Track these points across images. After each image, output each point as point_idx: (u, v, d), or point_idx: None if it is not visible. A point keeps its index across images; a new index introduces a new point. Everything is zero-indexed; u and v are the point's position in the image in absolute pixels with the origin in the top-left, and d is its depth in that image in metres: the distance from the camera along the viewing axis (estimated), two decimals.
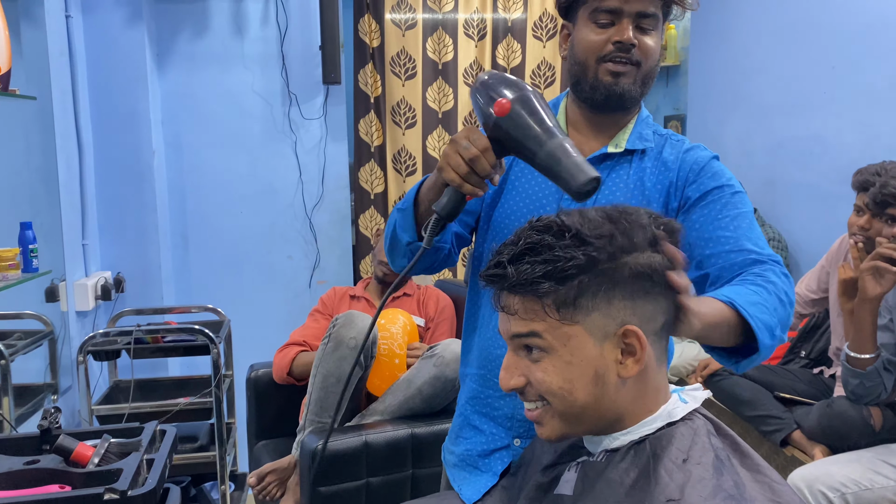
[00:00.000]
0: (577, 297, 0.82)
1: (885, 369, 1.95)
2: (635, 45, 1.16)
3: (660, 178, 1.21)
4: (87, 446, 1.27)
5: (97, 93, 2.87)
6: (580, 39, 1.20)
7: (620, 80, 1.17)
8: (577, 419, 0.86)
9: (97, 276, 2.78)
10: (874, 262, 1.86)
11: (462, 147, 1.00)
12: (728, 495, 0.76)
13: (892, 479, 1.92)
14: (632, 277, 0.82)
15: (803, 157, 3.00)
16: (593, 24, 1.18)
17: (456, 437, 1.33)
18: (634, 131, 1.24)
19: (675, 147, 1.24)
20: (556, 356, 0.84)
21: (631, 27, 1.16)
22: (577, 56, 1.21)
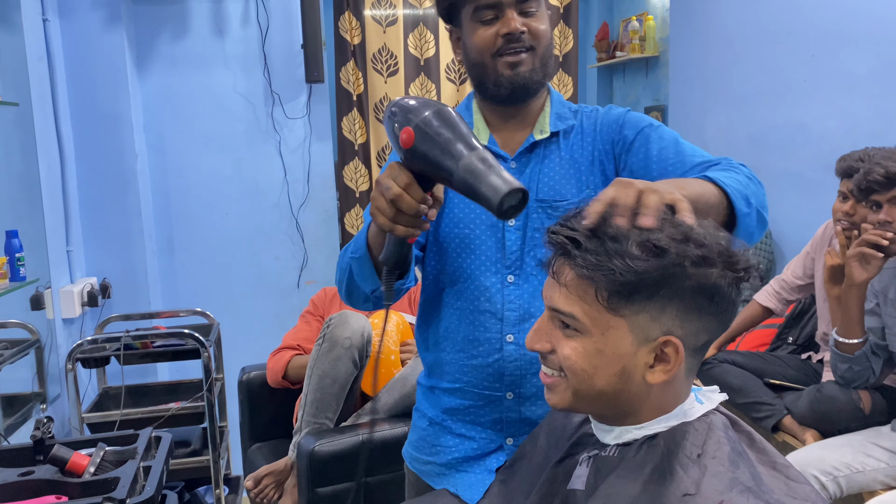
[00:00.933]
0: (633, 293, 0.80)
1: (872, 353, 1.98)
2: (525, 32, 1.17)
3: (587, 150, 1.24)
4: (83, 456, 1.26)
5: (77, 97, 2.84)
6: (470, 41, 1.20)
7: (520, 69, 1.18)
8: (589, 401, 0.86)
9: (83, 283, 2.75)
10: (860, 249, 1.88)
11: (384, 188, 0.91)
12: (745, 488, 0.76)
13: (882, 462, 1.95)
14: (692, 292, 0.80)
15: (786, 145, 3.03)
16: (478, 22, 1.18)
17: (432, 447, 1.30)
18: (552, 114, 1.26)
19: (591, 117, 1.26)
20: (590, 340, 0.83)
21: (515, 15, 1.16)
22: (471, 58, 1.21)
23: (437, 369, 1.30)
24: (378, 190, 0.93)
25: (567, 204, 1.20)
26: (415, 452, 1.35)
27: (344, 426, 2.03)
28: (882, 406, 2.10)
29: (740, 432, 0.87)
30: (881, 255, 1.86)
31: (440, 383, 1.29)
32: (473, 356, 1.23)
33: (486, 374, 1.22)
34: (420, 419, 1.34)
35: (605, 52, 4.12)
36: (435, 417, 1.30)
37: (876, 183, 1.86)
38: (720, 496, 0.74)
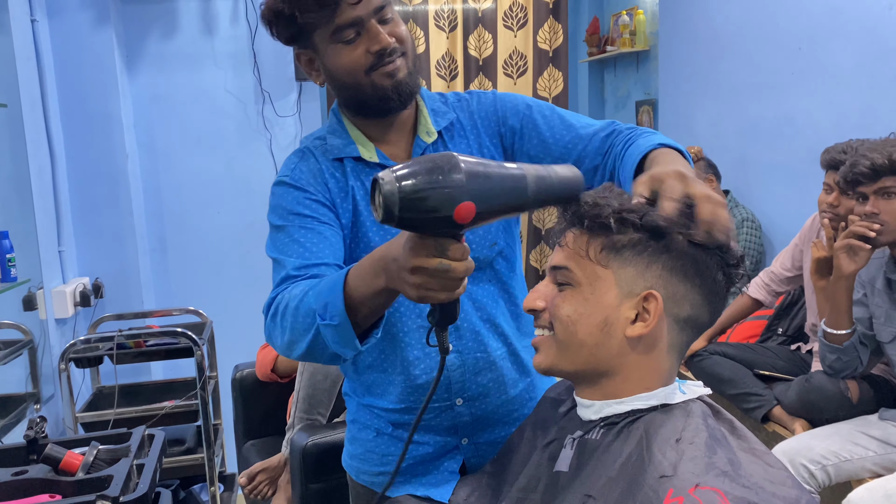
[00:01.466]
0: (623, 247, 0.86)
1: (860, 343, 2.00)
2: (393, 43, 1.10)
3: (474, 147, 1.22)
4: (76, 454, 1.27)
5: (67, 97, 2.83)
6: (336, 65, 1.11)
7: (398, 77, 1.12)
8: (571, 355, 0.89)
9: (75, 283, 2.75)
10: (848, 241, 1.90)
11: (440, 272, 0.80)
12: (721, 472, 0.77)
13: (870, 450, 1.97)
14: (679, 254, 0.85)
15: (774, 138, 3.05)
16: (339, 43, 1.09)
17: (383, 457, 1.25)
18: (429, 111, 1.21)
19: (464, 109, 1.24)
20: (579, 290, 0.89)
21: (380, 28, 1.09)
22: (342, 80, 1.13)
23: (376, 389, 1.24)
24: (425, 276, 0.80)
25: None
26: (362, 465, 1.29)
27: (337, 422, 2.04)
28: (870, 395, 2.12)
29: (721, 421, 0.88)
30: (868, 246, 1.88)
31: (380, 403, 1.24)
32: (416, 376, 1.19)
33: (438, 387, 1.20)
34: (362, 431, 1.28)
35: (596, 47, 4.13)
36: (382, 429, 1.25)
37: (862, 175, 1.87)
38: (696, 478, 0.76)
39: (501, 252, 1.23)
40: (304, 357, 1.02)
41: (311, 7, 1.06)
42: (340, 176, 1.18)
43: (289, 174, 1.19)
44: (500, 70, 3.47)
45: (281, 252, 1.14)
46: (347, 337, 0.93)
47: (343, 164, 1.18)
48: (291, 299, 1.00)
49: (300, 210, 1.15)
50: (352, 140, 1.19)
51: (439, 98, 1.25)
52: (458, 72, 3.45)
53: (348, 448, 1.34)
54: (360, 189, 1.17)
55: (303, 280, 1.06)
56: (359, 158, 1.18)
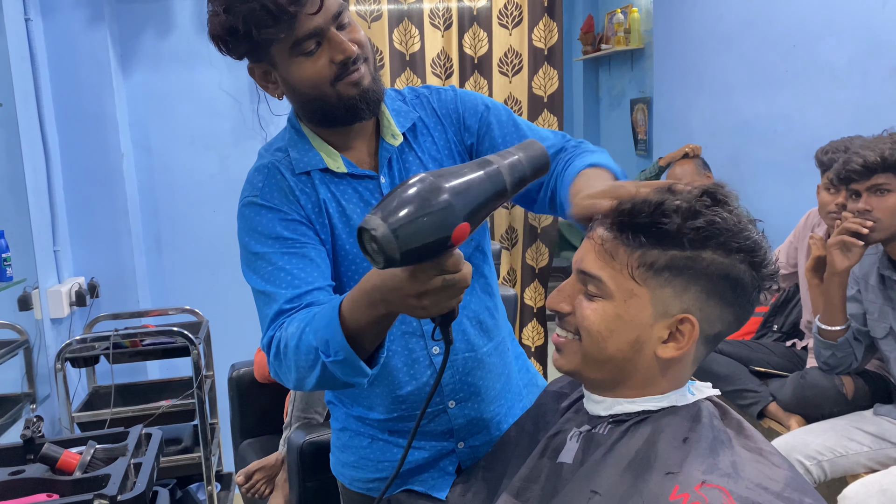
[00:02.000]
0: (663, 267, 0.83)
1: (855, 339, 2.01)
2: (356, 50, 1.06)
3: (441, 145, 1.20)
4: (73, 454, 1.27)
5: (61, 96, 2.83)
6: (298, 77, 1.07)
7: (363, 84, 1.08)
8: (597, 365, 0.89)
9: (71, 283, 2.75)
10: (841, 237, 1.91)
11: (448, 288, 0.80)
12: (724, 473, 0.78)
13: (865, 445, 1.98)
14: (719, 278, 0.83)
15: (768, 135, 3.06)
16: (300, 56, 1.04)
17: (378, 464, 1.25)
18: (392, 114, 1.18)
19: (423, 105, 1.21)
20: (611, 304, 0.86)
21: (341, 36, 1.05)
22: (304, 92, 1.09)
23: (363, 402, 1.23)
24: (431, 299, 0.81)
25: None
26: (356, 473, 1.27)
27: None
28: (864, 391, 2.14)
29: (729, 421, 0.89)
30: (861, 243, 1.89)
31: (371, 415, 1.23)
32: (401, 385, 1.18)
33: (424, 392, 1.19)
34: (355, 438, 1.27)
35: (591, 45, 4.13)
36: (377, 435, 1.25)
37: (855, 172, 1.88)
38: (702, 476, 0.77)
39: (478, 246, 1.22)
40: (317, 388, 1.01)
41: (267, 22, 1.00)
42: (310, 190, 1.14)
43: (258, 194, 1.14)
44: (496, 68, 3.48)
45: (268, 282, 1.08)
46: (356, 368, 0.93)
47: (310, 176, 1.14)
48: (290, 338, 0.99)
49: (279, 233, 1.10)
50: (315, 150, 1.15)
51: (397, 96, 1.21)
52: (454, 70, 3.45)
53: (339, 456, 1.31)
54: (332, 201, 1.14)
55: (297, 312, 1.04)
56: (326, 170, 1.14)
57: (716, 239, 0.81)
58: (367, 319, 0.89)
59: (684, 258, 0.82)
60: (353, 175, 1.15)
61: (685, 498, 0.75)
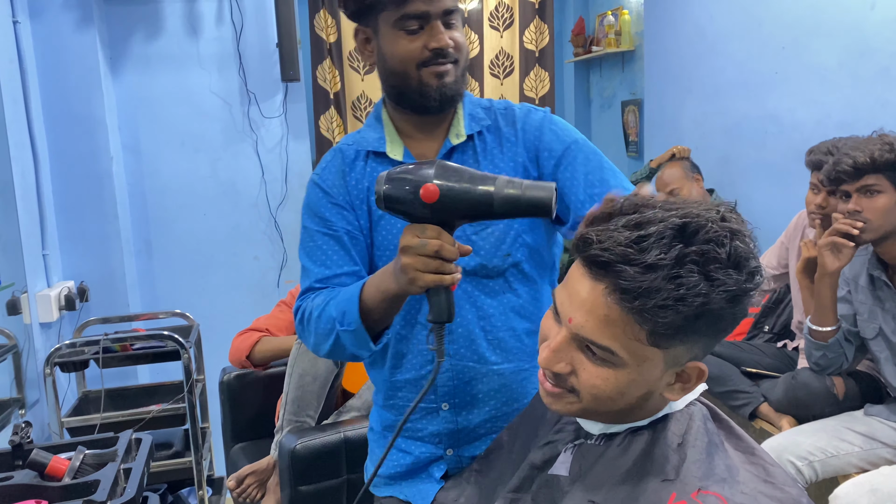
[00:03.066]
0: (677, 332, 0.76)
1: (845, 340, 2.02)
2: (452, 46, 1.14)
3: (508, 155, 1.21)
4: (62, 459, 1.26)
5: (50, 99, 2.81)
6: (392, 51, 1.15)
7: (445, 80, 1.15)
8: (601, 416, 0.86)
9: (60, 287, 2.73)
10: (832, 238, 1.91)
11: (419, 248, 0.95)
12: (720, 478, 0.78)
13: (856, 446, 1.99)
14: (730, 319, 0.77)
15: (759, 137, 3.07)
16: (401, 31, 1.13)
17: (374, 458, 1.33)
18: (466, 115, 1.22)
19: (507, 117, 1.23)
20: (623, 372, 0.79)
21: (443, 28, 1.13)
22: (391, 66, 1.16)
23: (378, 385, 1.29)
24: (411, 255, 0.96)
25: None
26: (368, 463, 1.38)
27: (325, 424, 2.03)
28: (855, 391, 2.14)
29: (720, 423, 0.89)
30: (852, 244, 1.90)
31: (377, 399, 1.30)
32: (400, 371, 1.22)
33: (420, 386, 1.22)
34: (370, 432, 1.36)
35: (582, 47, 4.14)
36: (375, 427, 1.32)
37: (844, 173, 1.89)
38: (698, 482, 0.77)
39: (517, 265, 1.21)
40: (329, 355, 1.17)
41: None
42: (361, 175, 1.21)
43: (320, 173, 1.24)
44: (487, 70, 3.48)
45: (308, 258, 1.22)
46: (362, 340, 1.09)
47: (366, 160, 1.21)
48: (315, 308, 1.14)
49: (324, 214, 1.21)
50: (383, 134, 1.22)
51: (479, 103, 1.25)
52: None
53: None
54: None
55: (323, 291, 1.18)
56: (384, 154, 1.20)
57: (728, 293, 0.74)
58: (379, 295, 1.05)
59: (694, 317, 0.75)
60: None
61: None
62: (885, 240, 1.90)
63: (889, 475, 1.78)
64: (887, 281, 1.94)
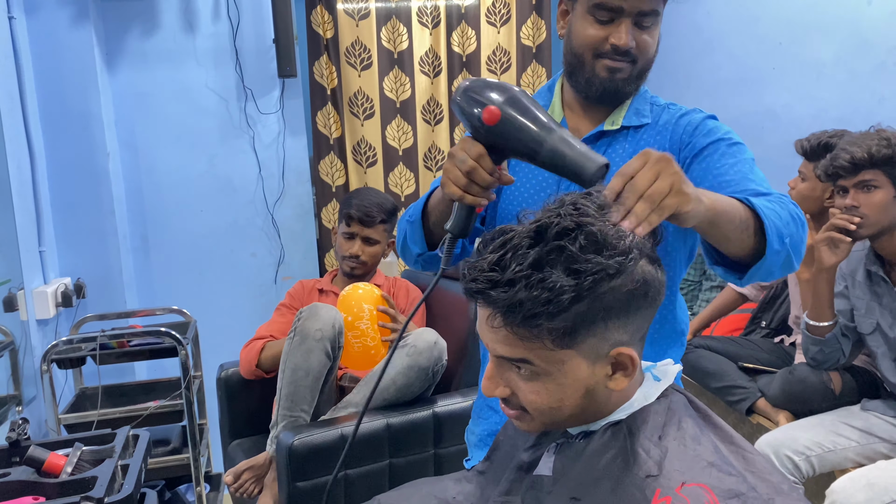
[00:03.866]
0: (575, 328, 0.78)
1: (842, 335, 2.02)
2: (633, 48, 1.15)
3: (656, 147, 1.21)
4: (59, 456, 1.26)
5: (46, 95, 2.80)
6: (577, 32, 1.18)
7: (616, 77, 1.17)
8: (558, 423, 0.88)
9: (56, 283, 2.72)
10: (829, 234, 1.92)
11: (459, 161, 1.00)
12: (708, 463, 0.78)
13: (853, 441, 1.99)
14: (626, 298, 0.79)
15: (755, 132, 3.07)
16: (592, 17, 1.15)
17: (477, 418, 1.38)
18: (631, 108, 1.24)
19: (671, 113, 1.25)
20: (549, 379, 0.82)
21: (630, 28, 1.14)
22: (573, 47, 1.20)
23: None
24: (452, 162, 1.02)
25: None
26: (470, 424, 1.43)
27: (322, 420, 2.03)
28: (852, 386, 2.15)
29: (698, 410, 0.89)
30: (849, 239, 1.90)
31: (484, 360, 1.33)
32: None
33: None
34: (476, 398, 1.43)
35: None
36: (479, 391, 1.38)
37: (842, 168, 1.89)
38: (682, 476, 0.76)
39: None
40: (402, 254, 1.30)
41: None
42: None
43: None
44: (484, 66, 3.47)
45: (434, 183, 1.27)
46: (418, 234, 1.20)
47: None
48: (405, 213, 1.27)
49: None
50: (549, 102, 1.29)
51: (653, 102, 1.26)
52: (442, 68, 3.44)
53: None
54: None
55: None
56: None
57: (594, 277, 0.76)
58: (437, 195, 1.15)
59: (584, 308, 0.77)
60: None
61: (667, 501, 0.74)
62: (882, 235, 1.91)
63: (885, 469, 1.79)
64: (884, 276, 1.95)
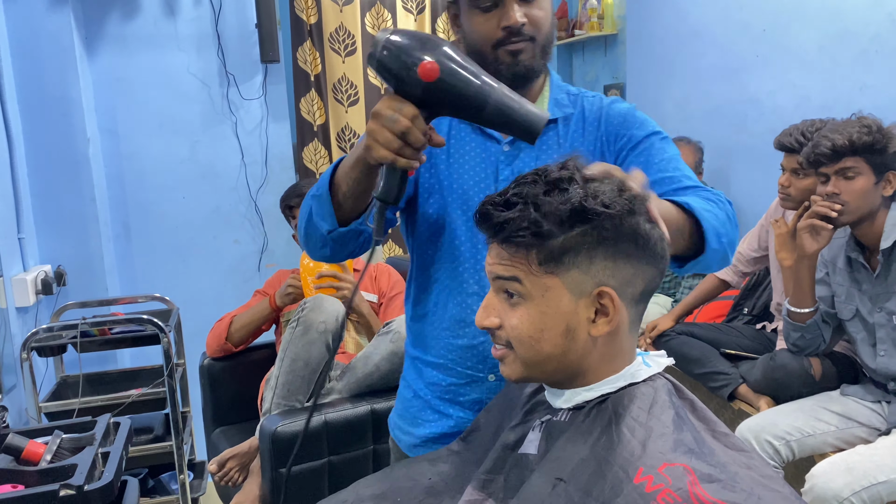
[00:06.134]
0: (562, 253, 0.83)
1: (823, 321, 2.04)
2: (525, 24, 1.12)
3: (589, 139, 1.21)
4: (38, 444, 1.25)
5: (24, 81, 2.75)
6: (469, 29, 1.16)
7: (520, 58, 1.14)
8: (539, 366, 0.88)
9: (36, 270, 2.69)
10: (810, 221, 1.93)
11: (389, 120, 0.92)
12: (688, 449, 0.78)
13: (832, 425, 2.01)
14: (616, 239, 0.83)
15: (739, 120, 3.08)
16: (475, 8, 1.13)
17: (414, 419, 1.31)
18: (551, 99, 1.22)
19: (593, 103, 1.23)
20: (533, 304, 0.85)
21: (515, 5, 1.11)
22: (470, 44, 1.17)
23: (421, 341, 1.29)
24: (379, 123, 0.93)
25: None
26: (399, 421, 1.35)
27: (307, 406, 2.03)
28: (832, 372, 2.17)
29: (683, 399, 0.89)
30: (830, 226, 1.92)
31: (425, 356, 1.28)
32: (459, 336, 1.22)
33: (470, 354, 1.22)
34: (405, 389, 1.34)
35: (565, 31, 4.12)
36: (419, 391, 1.30)
37: (823, 156, 1.90)
38: (664, 457, 0.77)
39: None
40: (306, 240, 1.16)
41: None
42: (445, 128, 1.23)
43: None
44: None
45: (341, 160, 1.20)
46: (326, 208, 1.07)
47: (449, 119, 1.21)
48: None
49: None
50: None
51: (568, 91, 1.25)
52: None
53: (395, 404, 1.38)
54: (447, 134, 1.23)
55: None
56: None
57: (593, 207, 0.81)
58: (348, 162, 1.04)
59: (575, 236, 0.82)
60: (483, 132, 1.20)
61: (649, 480, 0.74)
62: (862, 222, 1.93)
63: (864, 454, 1.81)
64: (864, 263, 1.97)
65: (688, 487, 0.72)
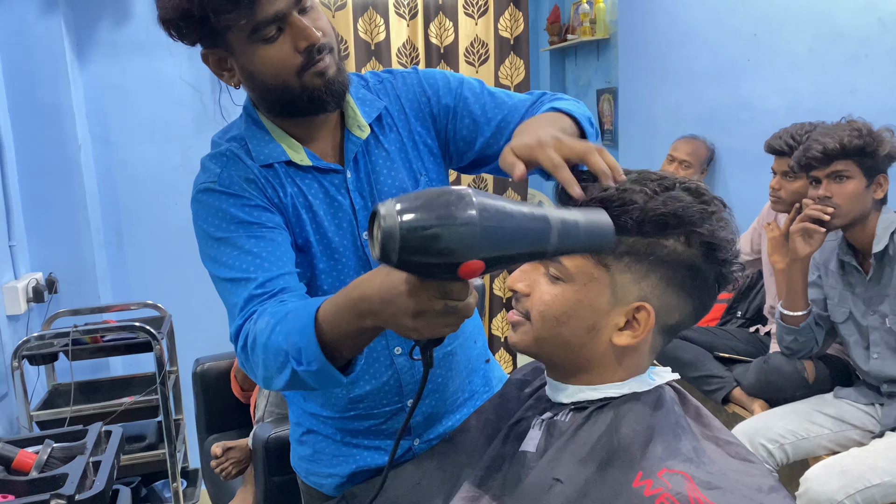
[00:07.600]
0: (624, 252, 0.82)
1: (816, 324, 2.04)
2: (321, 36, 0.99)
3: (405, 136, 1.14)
4: (29, 453, 1.23)
5: (15, 87, 2.74)
6: (260, 66, 1.00)
7: (328, 74, 1.01)
8: (550, 347, 0.88)
9: (27, 278, 2.68)
10: (803, 224, 1.93)
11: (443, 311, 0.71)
12: (686, 458, 0.78)
13: (825, 428, 2.02)
14: (679, 267, 0.82)
15: (731, 123, 3.09)
16: (258, 43, 0.98)
17: (334, 458, 1.21)
18: (357, 102, 1.12)
19: (387, 91, 1.15)
20: (572, 288, 0.84)
21: (303, 21, 0.98)
22: (266, 82, 1.02)
23: (317, 399, 1.19)
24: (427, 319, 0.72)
25: None
26: (311, 466, 1.25)
27: None
28: (825, 375, 2.17)
29: (688, 408, 0.89)
30: (822, 229, 1.92)
31: (324, 412, 1.20)
32: (363, 383, 1.15)
33: (383, 392, 1.16)
34: (309, 434, 1.24)
35: (557, 36, 4.13)
36: (332, 435, 1.21)
37: (814, 159, 1.91)
38: (663, 463, 0.77)
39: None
40: (284, 390, 1.00)
41: (225, 6, 0.93)
42: (278, 184, 1.08)
43: (216, 180, 1.07)
44: (462, 58, 3.46)
45: (234, 268, 1.02)
46: (330, 378, 0.86)
47: (275, 169, 1.08)
48: (259, 334, 0.92)
49: (243, 217, 1.04)
50: (276, 142, 1.09)
51: (360, 82, 1.15)
52: (420, 60, 3.43)
53: (296, 449, 1.29)
54: (299, 196, 1.09)
55: (268, 299, 0.98)
56: (290, 162, 1.08)
57: (678, 228, 0.81)
58: (349, 330, 0.82)
59: (646, 244, 0.81)
60: (318, 168, 1.09)
61: (648, 484, 0.75)
62: (854, 225, 1.93)
63: (858, 457, 1.81)
64: (857, 266, 1.97)
65: (687, 493, 0.72)
